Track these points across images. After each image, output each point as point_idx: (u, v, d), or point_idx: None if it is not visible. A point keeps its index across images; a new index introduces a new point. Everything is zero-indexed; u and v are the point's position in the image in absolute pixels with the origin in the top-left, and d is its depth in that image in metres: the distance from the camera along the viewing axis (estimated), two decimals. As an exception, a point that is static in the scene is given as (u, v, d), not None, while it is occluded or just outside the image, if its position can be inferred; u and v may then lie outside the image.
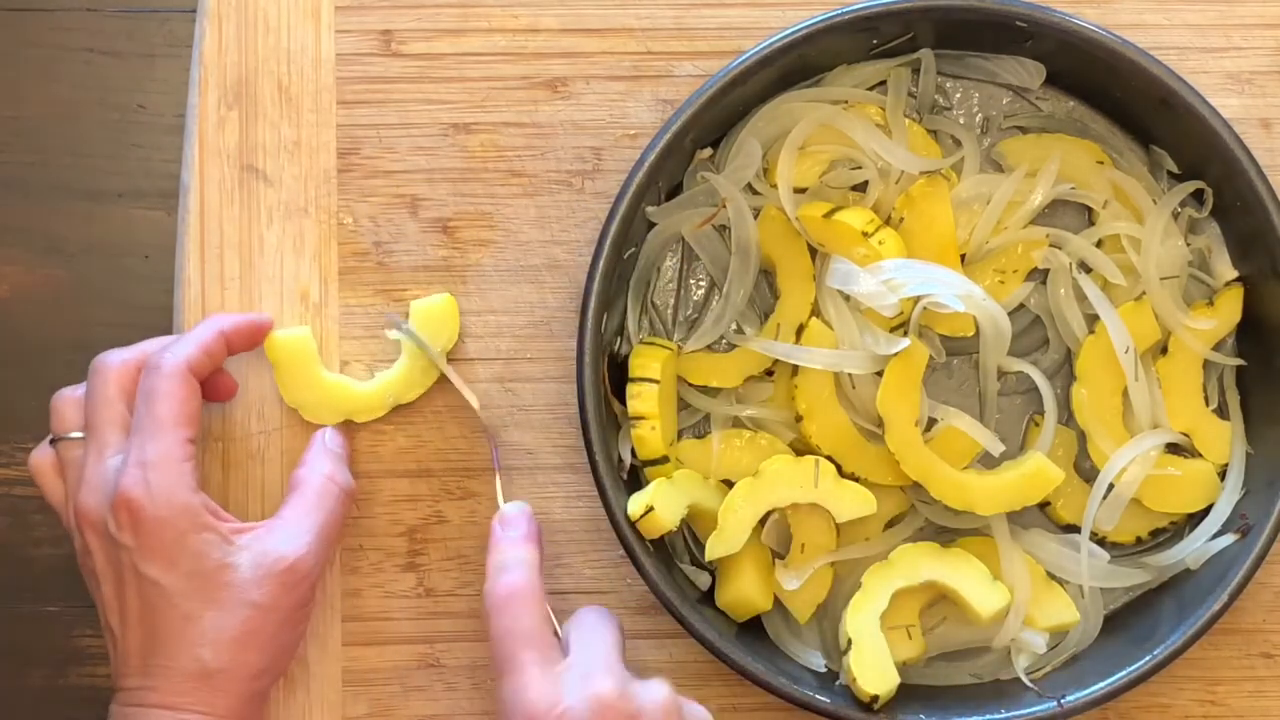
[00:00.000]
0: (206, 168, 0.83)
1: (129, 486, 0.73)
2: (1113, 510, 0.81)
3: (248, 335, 0.80)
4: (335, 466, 0.79)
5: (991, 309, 0.80)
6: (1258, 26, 0.85)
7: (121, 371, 0.77)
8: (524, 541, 0.77)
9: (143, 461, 0.73)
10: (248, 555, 0.74)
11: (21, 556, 0.86)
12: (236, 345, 0.80)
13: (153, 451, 0.73)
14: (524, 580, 0.74)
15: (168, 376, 0.75)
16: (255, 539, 0.75)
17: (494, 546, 0.77)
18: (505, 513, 0.78)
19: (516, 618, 0.73)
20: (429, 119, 0.84)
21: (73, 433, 0.77)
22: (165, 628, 0.73)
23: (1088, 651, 0.81)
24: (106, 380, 0.76)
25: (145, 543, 0.73)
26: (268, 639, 0.74)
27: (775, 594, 0.81)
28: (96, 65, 0.87)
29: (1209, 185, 0.82)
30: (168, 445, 0.74)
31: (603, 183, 0.84)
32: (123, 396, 0.76)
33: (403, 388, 0.82)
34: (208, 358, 0.77)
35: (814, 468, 0.79)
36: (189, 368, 0.76)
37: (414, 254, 0.84)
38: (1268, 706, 0.83)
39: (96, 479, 0.74)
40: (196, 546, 0.73)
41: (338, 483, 0.78)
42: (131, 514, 0.72)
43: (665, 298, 0.84)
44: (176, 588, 0.73)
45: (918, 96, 0.83)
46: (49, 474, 0.78)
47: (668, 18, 0.84)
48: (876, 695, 0.77)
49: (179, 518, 0.73)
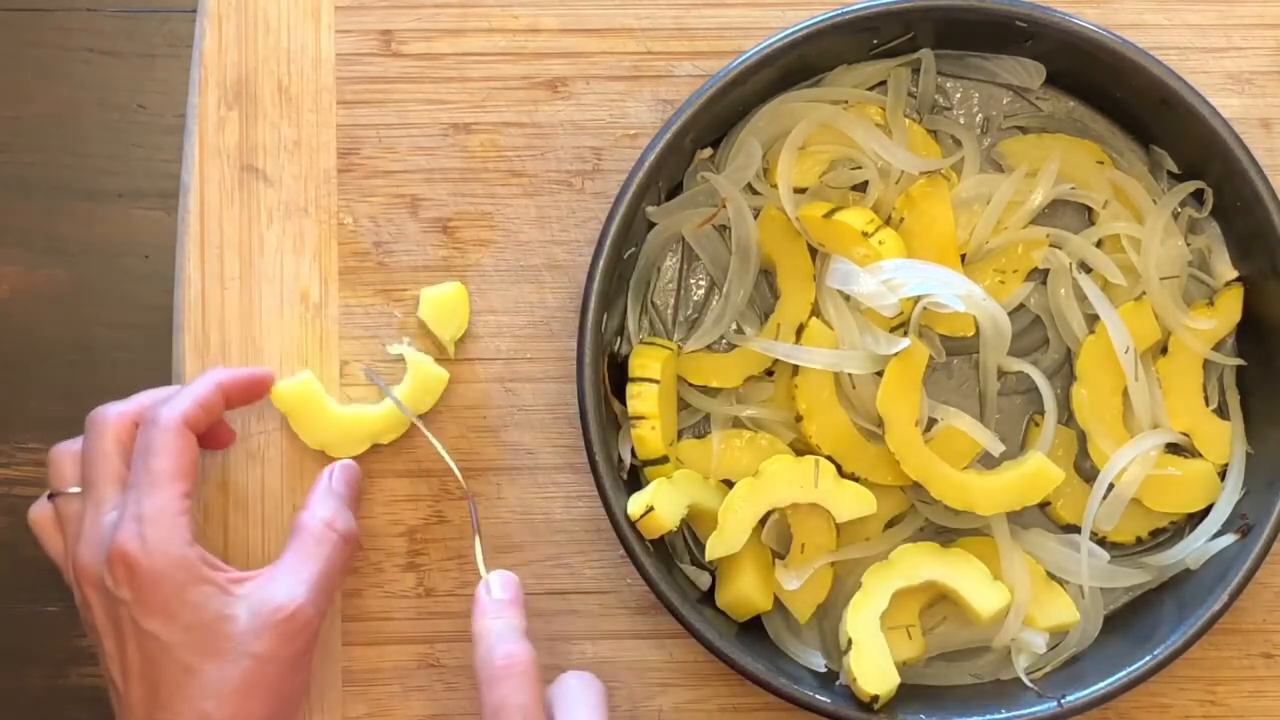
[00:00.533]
0: (206, 168, 0.83)
1: (124, 541, 0.72)
2: (1113, 510, 0.81)
3: (246, 389, 0.80)
4: (337, 511, 0.78)
5: (991, 309, 0.80)
6: (1258, 26, 0.85)
7: (118, 425, 0.76)
8: (513, 607, 0.76)
9: (139, 516, 0.73)
10: (246, 605, 0.73)
11: (21, 556, 0.86)
12: (235, 399, 0.79)
13: (149, 506, 0.73)
14: (525, 653, 0.73)
15: (164, 431, 0.75)
16: (254, 588, 0.74)
17: (482, 613, 0.76)
18: (491, 580, 0.77)
19: (515, 691, 0.72)
20: (429, 119, 0.84)
21: (70, 488, 0.76)
22: (167, 681, 0.72)
23: (1088, 651, 0.81)
24: (103, 434, 0.76)
25: (143, 597, 0.72)
26: (270, 689, 0.73)
27: (775, 594, 0.81)
28: (96, 65, 0.87)
29: (1209, 185, 0.82)
30: (164, 500, 0.73)
31: (603, 183, 0.84)
32: (119, 451, 0.76)
33: (414, 402, 0.82)
34: (205, 413, 0.77)
35: (814, 468, 0.79)
36: (185, 422, 0.75)
37: (414, 254, 0.84)
38: (1268, 706, 0.83)
39: (94, 534, 0.74)
40: (195, 599, 0.73)
41: (337, 530, 0.77)
42: (128, 569, 0.72)
43: (665, 298, 0.84)
44: (176, 640, 0.72)
45: (918, 96, 0.83)
46: (48, 529, 0.77)
47: (668, 18, 0.84)
48: (876, 695, 0.77)
49: (175, 571, 0.73)
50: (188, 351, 0.83)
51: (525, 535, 0.83)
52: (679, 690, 0.82)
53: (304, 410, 0.81)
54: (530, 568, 0.83)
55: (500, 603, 0.76)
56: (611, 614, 0.83)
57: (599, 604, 0.83)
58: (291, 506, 0.82)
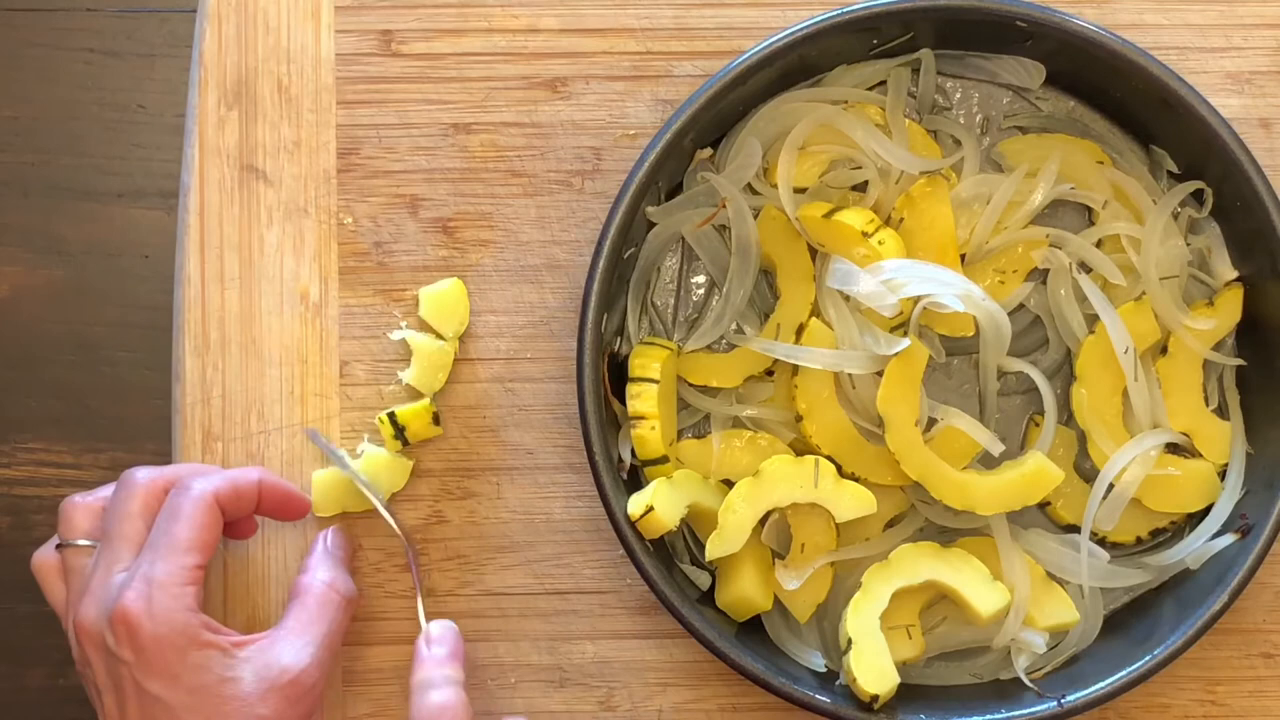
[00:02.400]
0: (206, 168, 0.83)
1: (130, 601, 0.72)
2: (1113, 510, 0.81)
3: (282, 500, 0.80)
4: (336, 573, 0.78)
5: (991, 309, 0.80)
6: (1258, 26, 0.85)
7: (148, 489, 0.76)
8: (450, 660, 0.77)
9: (149, 578, 0.72)
10: (250, 668, 0.73)
11: (21, 556, 0.86)
12: (268, 503, 0.79)
13: (161, 570, 0.73)
14: (454, 698, 0.75)
15: (194, 500, 0.75)
16: (258, 651, 0.74)
17: (420, 665, 0.77)
18: (430, 631, 0.78)
19: None
20: (429, 119, 0.84)
21: (80, 540, 0.76)
22: None
23: (1088, 651, 0.81)
24: (132, 495, 0.76)
25: (145, 659, 0.72)
26: None
27: (775, 594, 0.81)
28: (96, 65, 0.87)
29: (1209, 185, 0.82)
30: (176, 567, 0.73)
31: (603, 183, 0.84)
32: (145, 514, 0.75)
33: (427, 382, 0.82)
34: (237, 498, 0.77)
35: (814, 468, 0.79)
36: (216, 498, 0.75)
37: (414, 254, 0.84)
38: (1268, 706, 0.83)
39: (101, 591, 0.74)
40: (198, 661, 0.72)
41: (339, 591, 0.77)
42: (130, 629, 0.72)
43: (665, 298, 0.84)
44: (180, 703, 0.72)
45: (918, 96, 0.83)
46: (52, 576, 0.77)
47: (668, 18, 0.84)
48: (876, 695, 0.77)
49: (177, 636, 0.72)
50: (188, 352, 0.83)
51: (525, 535, 0.83)
52: (679, 690, 0.82)
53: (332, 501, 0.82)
54: (530, 568, 0.83)
55: (436, 657, 0.77)
56: (611, 614, 0.83)
57: (599, 604, 0.83)
58: (291, 506, 0.82)
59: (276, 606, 0.82)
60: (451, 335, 0.82)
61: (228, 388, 0.83)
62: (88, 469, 0.85)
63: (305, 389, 0.83)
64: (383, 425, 0.81)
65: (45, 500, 0.84)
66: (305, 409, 0.83)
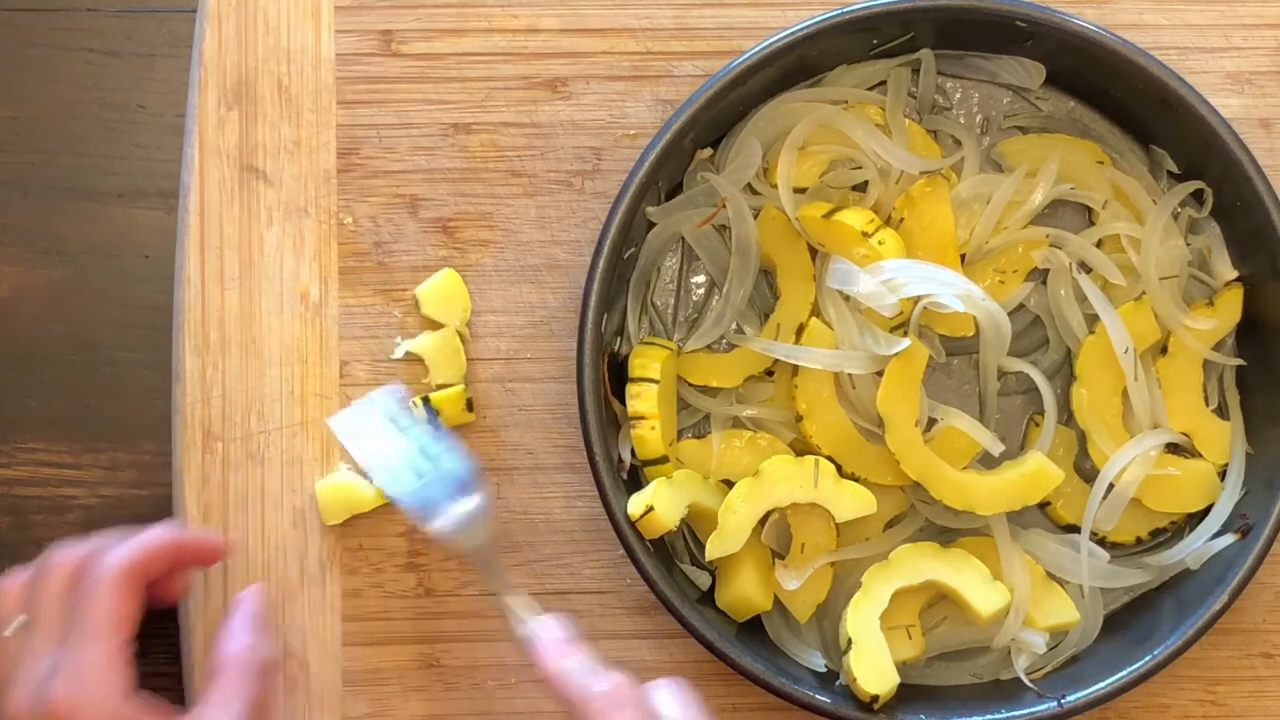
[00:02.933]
0: (206, 168, 0.83)
1: (58, 700, 0.70)
2: (1113, 510, 0.81)
3: (197, 552, 0.78)
4: (256, 639, 0.76)
5: (991, 309, 0.80)
6: (1258, 26, 0.85)
7: (66, 569, 0.74)
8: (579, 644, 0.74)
9: (74, 672, 0.71)
10: None
11: (21, 556, 0.85)
12: (187, 558, 0.78)
13: (84, 662, 0.71)
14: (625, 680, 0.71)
15: (100, 581, 0.73)
16: None
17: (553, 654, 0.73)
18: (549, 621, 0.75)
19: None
20: (429, 119, 0.84)
21: (13, 623, 0.74)
22: None
23: (1088, 651, 0.81)
24: (50, 577, 0.74)
25: None
26: None
27: (775, 594, 0.81)
28: (96, 65, 0.87)
29: (1209, 185, 0.82)
30: (100, 655, 0.71)
31: (603, 183, 0.84)
32: (66, 595, 0.73)
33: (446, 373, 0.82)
34: (150, 560, 0.75)
35: (814, 468, 0.79)
36: (126, 573, 0.73)
37: (414, 254, 0.84)
38: (1268, 706, 0.83)
39: (30, 680, 0.71)
40: None
41: (258, 657, 0.75)
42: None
43: (665, 298, 0.84)
44: None
45: (918, 96, 0.84)
46: None
47: (668, 18, 0.84)
48: (876, 695, 0.77)
49: None
50: (188, 351, 0.83)
51: (525, 535, 0.83)
52: (679, 690, 0.82)
53: (338, 510, 0.82)
54: (530, 568, 0.83)
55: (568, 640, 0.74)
56: (611, 614, 0.83)
57: (599, 604, 0.83)
58: (292, 507, 0.82)
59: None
60: (460, 324, 0.82)
61: (228, 388, 0.83)
62: (88, 469, 0.85)
63: (305, 389, 0.83)
64: (416, 410, 0.81)
65: (45, 500, 0.84)
66: (305, 409, 0.83)
